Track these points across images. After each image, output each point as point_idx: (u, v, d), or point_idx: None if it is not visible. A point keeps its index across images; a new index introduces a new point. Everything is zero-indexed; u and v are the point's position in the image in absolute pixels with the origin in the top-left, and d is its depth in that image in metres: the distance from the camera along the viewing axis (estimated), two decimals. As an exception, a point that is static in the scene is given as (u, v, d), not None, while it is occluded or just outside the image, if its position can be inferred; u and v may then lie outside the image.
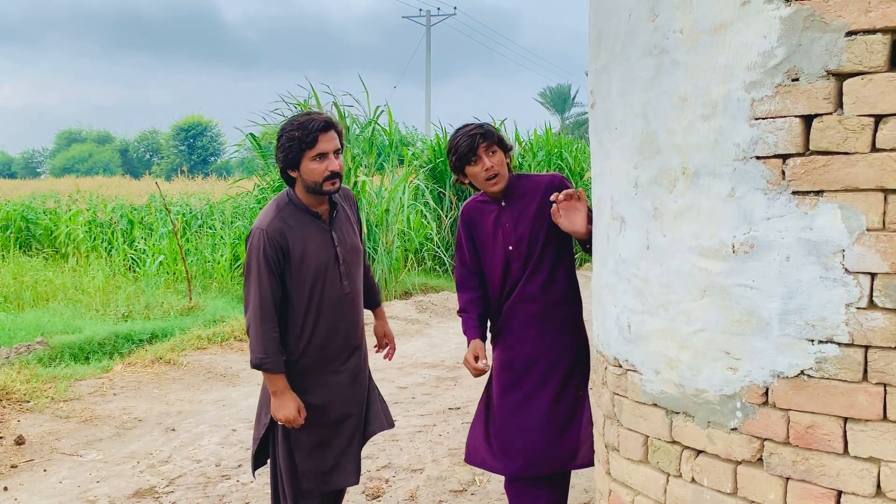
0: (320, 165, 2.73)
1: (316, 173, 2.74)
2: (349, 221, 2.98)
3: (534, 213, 2.95)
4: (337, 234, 2.88)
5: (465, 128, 2.94)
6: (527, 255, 2.96)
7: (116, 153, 58.52)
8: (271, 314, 2.75)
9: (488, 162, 2.88)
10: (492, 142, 2.89)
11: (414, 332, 8.72)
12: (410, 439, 4.96)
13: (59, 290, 9.90)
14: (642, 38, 2.13)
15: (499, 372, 3.08)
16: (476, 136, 2.87)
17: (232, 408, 5.77)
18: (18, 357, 6.59)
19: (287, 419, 2.78)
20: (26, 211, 14.87)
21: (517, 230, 2.96)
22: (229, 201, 13.04)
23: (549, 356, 2.97)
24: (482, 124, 2.94)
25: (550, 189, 2.96)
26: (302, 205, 2.84)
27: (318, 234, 2.84)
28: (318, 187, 2.77)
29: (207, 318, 8.40)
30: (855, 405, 1.74)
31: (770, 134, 1.82)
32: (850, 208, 1.72)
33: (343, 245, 2.89)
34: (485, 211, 3.03)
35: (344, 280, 2.88)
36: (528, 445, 2.95)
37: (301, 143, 2.70)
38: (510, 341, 3.02)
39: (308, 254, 2.80)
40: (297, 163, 2.75)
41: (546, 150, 15.60)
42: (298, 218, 2.82)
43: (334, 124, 2.79)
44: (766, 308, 1.86)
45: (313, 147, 2.71)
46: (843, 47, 1.70)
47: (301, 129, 2.71)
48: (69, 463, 4.62)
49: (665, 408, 2.13)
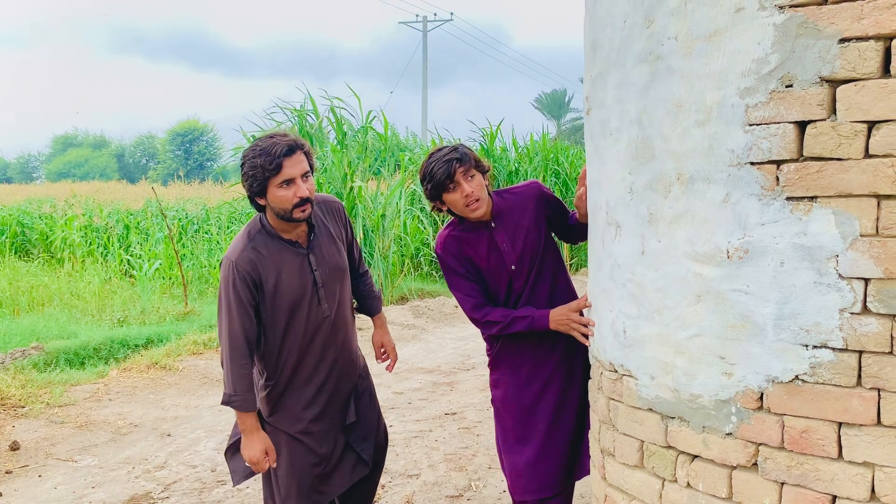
0: (288, 192, 2.59)
1: (284, 201, 2.60)
2: (331, 238, 2.86)
3: (528, 227, 2.87)
4: (315, 258, 2.77)
5: (439, 152, 2.75)
6: (529, 269, 2.86)
7: (113, 158, 58.43)
8: (242, 351, 2.65)
9: (468, 188, 2.71)
10: (469, 166, 2.72)
11: (410, 338, 8.72)
12: (406, 445, 4.96)
13: (54, 295, 9.89)
14: (637, 45, 2.14)
15: (512, 395, 2.92)
16: (452, 161, 2.69)
17: (227, 413, 5.76)
18: (14, 362, 6.57)
19: (252, 460, 2.70)
20: (22, 216, 14.87)
21: (516, 247, 2.85)
22: (225, 206, 13.03)
23: (565, 367, 2.88)
24: (456, 147, 2.76)
25: (538, 198, 2.91)
26: (274, 232, 2.72)
27: (293, 260, 2.73)
28: (288, 215, 2.64)
29: (203, 323, 8.38)
30: (849, 410, 1.75)
31: (764, 140, 1.83)
32: (844, 214, 1.73)
33: (322, 267, 2.79)
34: (472, 239, 2.86)
35: (323, 303, 2.79)
36: (565, 463, 2.89)
37: (265, 171, 2.56)
38: (520, 361, 2.90)
39: (282, 283, 2.70)
40: (264, 191, 2.61)
41: (542, 155, 15.63)
42: (271, 246, 2.71)
43: (300, 145, 2.64)
44: (760, 313, 1.86)
45: (278, 174, 2.56)
46: (837, 54, 1.71)
47: (263, 154, 2.55)
48: (64, 468, 4.60)
49: (660, 413, 2.13)
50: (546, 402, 2.89)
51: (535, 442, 2.88)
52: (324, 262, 2.81)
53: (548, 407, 2.88)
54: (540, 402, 2.89)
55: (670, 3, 2.01)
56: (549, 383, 2.89)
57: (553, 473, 2.88)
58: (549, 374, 2.89)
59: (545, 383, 2.89)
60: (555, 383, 2.89)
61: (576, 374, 2.91)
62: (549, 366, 2.89)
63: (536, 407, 2.89)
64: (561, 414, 2.89)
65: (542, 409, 2.89)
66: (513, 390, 2.93)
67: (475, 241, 2.86)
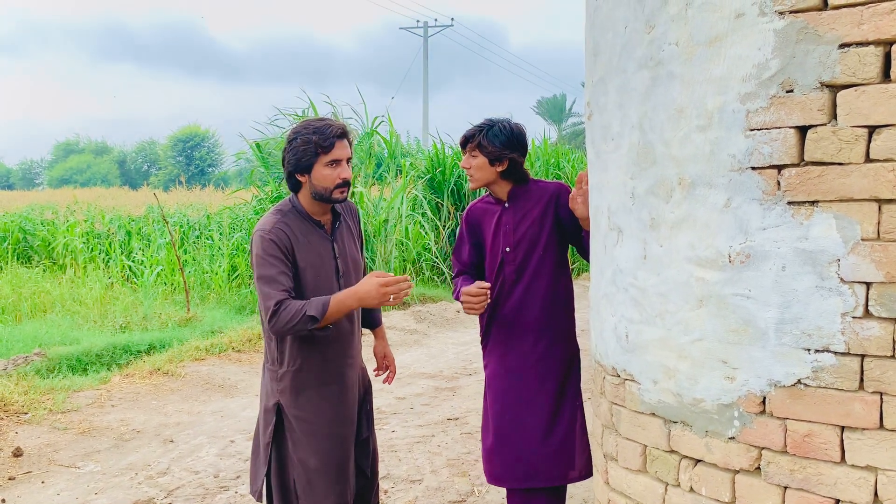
0: (333, 172, 2.69)
1: (328, 179, 2.69)
2: (350, 234, 2.93)
3: (535, 218, 2.98)
4: (338, 246, 2.83)
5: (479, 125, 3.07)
6: (523, 259, 2.97)
7: (114, 164, 58.53)
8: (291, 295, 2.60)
9: (464, 163, 3.04)
10: (473, 145, 2.99)
11: (412, 343, 8.72)
12: (409, 450, 4.96)
13: (56, 302, 9.90)
14: (638, 51, 2.15)
15: (491, 381, 3.07)
16: (464, 136, 3.04)
17: (230, 419, 5.76)
18: (16, 368, 6.58)
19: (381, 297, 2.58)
20: (24, 222, 14.86)
21: (517, 232, 2.98)
22: (227, 212, 13.05)
23: (543, 365, 2.97)
24: (481, 126, 3.01)
25: (555, 197, 2.98)
26: (305, 212, 2.78)
27: (320, 242, 2.78)
28: (329, 194, 2.72)
29: (205, 329, 8.38)
30: (851, 414, 1.75)
31: (765, 145, 1.84)
32: (845, 218, 1.73)
33: (343, 257, 2.84)
34: (488, 212, 3.09)
35: None
36: (526, 457, 2.95)
37: (317, 147, 2.65)
38: (504, 349, 3.02)
39: (308, 262, 2.73)
40: (310, 167, 2.69)
41: (544, 159, 15.65)
42: (301, 225, 2.75)
43: (349, 132, 2.77)
44: (762, 317, 1.87)
45: (329, 152, 2.67)
46: (837, 59, 1.72)
47: (318, 133, 2.66)
48: (67, 475, 4.61)
49: (663, 417, 2.14)
50: (514, 396, 2.99)
51: (497, 430, 3.00)
52: (345, 252, 2.86)
53: (517, 401, 2.98)
54: (510, 393, 2.99)
55: (671, 9, 2.02)
56: (525, 378, 2.98)
57: (511, 466, 2.96)
58: (526, 369, 2.98)
59: (520, 377, 2.98)
60: (531, 379, 2.97)
61: (551, 376, 2.97)
62: (528, 360, 2.98)
63: (507, 397, 3.00)
64: (528, 411, 2.96)
65: (510, 400, 3.00)
66: (494, 376, 3.05)
67: (490, 215, 3.09)
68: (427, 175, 13.49)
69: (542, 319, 2.97)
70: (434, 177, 13.50)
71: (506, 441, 2.98)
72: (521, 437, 2.96)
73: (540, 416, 2.95)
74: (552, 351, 2.98)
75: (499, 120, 3.01)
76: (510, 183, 3.02)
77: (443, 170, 13.56)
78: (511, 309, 2.99)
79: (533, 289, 2.97)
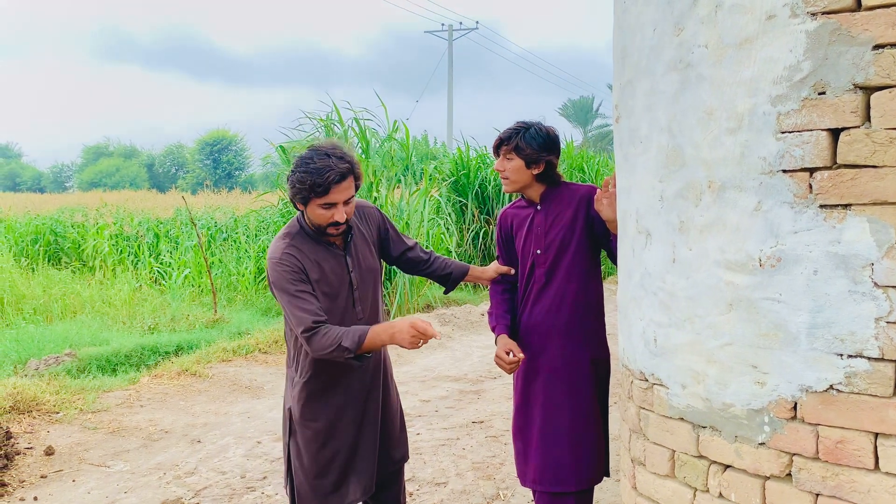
0: (327, 213, 2.69)
1: (321, 218, 2.71)
2: (365, 242, 2.93)
3: (566, 221, 2.97)
4: (352, 259, 2.84)
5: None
6: (553, 261, 2.95)
7: (143, 167, 59.27)
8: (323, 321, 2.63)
9: (499, 165, 3.02)
10: (509, 147, 2.97)
11: (437, 346, 8.72)
12: (434, 453, 4.96)
13: (86, 303, 10.04)
14: (667, 53, 2.14)
15: (520, 384, 3.06)
16: (499, 138, 3.02)
17: (257, 420, 5.81)
18: (48, 368, 6.69)
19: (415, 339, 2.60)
20: (55, 225, 15.12)
21: (548, 234, 2.98)
22: (253, 214, 13.16)
23: (573, 368, 2.95)
24: (516, 128, 3.00)
25: (586, 200, 2.97)
26: (312, 233, 2.80)
27: (331, 259, 2.80)
28: (321, 230, 2.75)
29: (232, 330, 8.47)
30: (885, 420, 1.72)
31: (797, 147, 1.82)
32: (879, 222, 1.71)
33: (358, 269, 2.86)
34: (520, 215, 3.10)
35: (357, 305, 2.84)
36: (555, 461, 2.94)
37: (312, 190, 2.64)
38: (533, 352, 3.01)
39: (321, 281, 2.75)
40: (305, 203, 2.71)
41: (568, 163, 15.59)
42: (310, 245, 2.78)
43: (352, 171, 2.70)
44: (793, 322, 1.85)
45: (323, 197, 2.66)
46: (870, 61, 1.70)
47: (315, 174, 2.62)
48: (97, 474, 4.67)
49: (692, 422, 2.12)
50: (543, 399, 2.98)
51: (527, 434, 3.02)
52: (359, 264, 2.87)
53: (546, 404, 2.97)
54: (540, 396, 2.99)
55: (700, 11, 2.01)
56: (555, 381, 2.96)
57: (541, 469, 2.96)
58: (555, 371, 2.96)
59: (550, 380, 2.97)
60: (561, 382, 2.95)
61: (581, 380, 2.96)
62: (558, 363, 2.96)
63: (536, 399, 2.99)
64: (558, 415, 2.95)
65: (534, 405, 3.00)
66: (523, 379, 3.05)
67: (523, 218, 3.09)
68: (451, 178, 13.51)
69: (571, 323, 2.95)
70: (458, 179, 13.51)
71: (536, 444, 2.98)
72: (550, 441, 2.95)
73: (570, 419, 2.94)
74: (582, 354, 2.96)
75: (533, 122, 3.00)
76: (543, 185, 3.02)
77: (467, 172, 13.57)
78: (541, 312, 2.98)
79: (563, 291, 2.95)
